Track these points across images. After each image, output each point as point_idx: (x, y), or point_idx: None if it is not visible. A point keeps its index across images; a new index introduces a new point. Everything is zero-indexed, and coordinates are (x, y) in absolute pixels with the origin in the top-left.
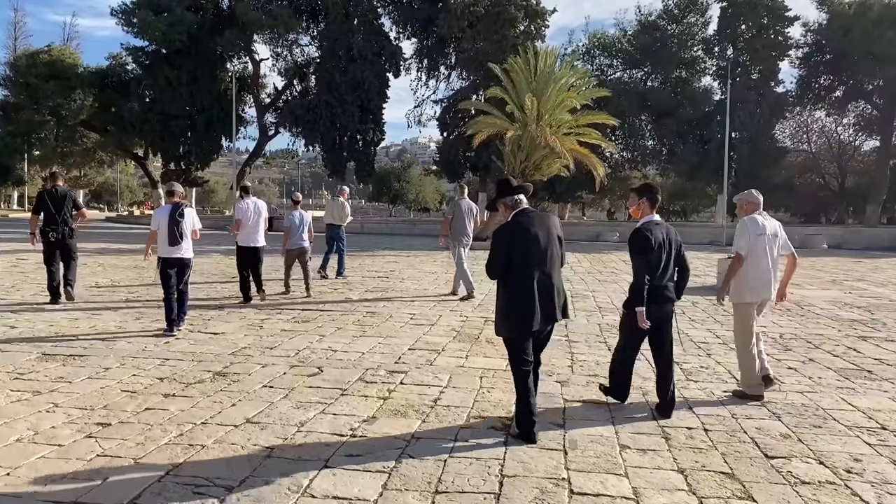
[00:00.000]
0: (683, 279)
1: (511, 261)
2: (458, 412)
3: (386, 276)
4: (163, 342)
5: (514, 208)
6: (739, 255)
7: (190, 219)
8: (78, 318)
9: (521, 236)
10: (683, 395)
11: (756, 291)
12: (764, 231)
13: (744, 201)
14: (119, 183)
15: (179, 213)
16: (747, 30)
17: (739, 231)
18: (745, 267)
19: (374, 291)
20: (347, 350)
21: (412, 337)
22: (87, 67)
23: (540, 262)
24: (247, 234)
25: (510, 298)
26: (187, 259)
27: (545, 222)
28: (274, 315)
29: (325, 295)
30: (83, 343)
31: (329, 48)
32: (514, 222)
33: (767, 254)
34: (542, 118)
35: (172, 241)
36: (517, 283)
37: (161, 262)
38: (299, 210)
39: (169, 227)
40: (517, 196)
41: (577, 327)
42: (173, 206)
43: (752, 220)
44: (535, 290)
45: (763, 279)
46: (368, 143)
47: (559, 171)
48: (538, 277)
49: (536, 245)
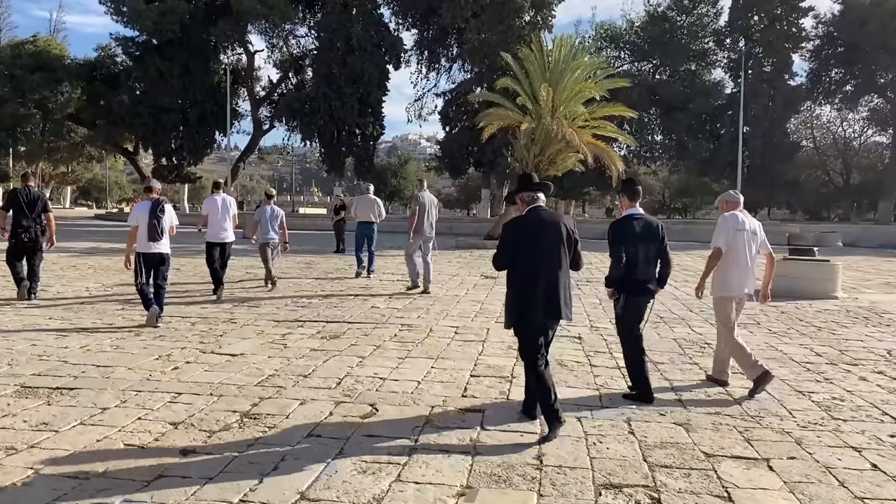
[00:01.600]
0: (665, 270)
1: (517, 254)
2: (579, 479)
3: (406, 279)
4: (170, 369)
5: (530, 204)
6: (718, 249)
7: (169, 216)
8: (67, 335)
9: (529, 231)
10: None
11: (734, 286)
12: (743, 227)
13: (723, 201)
14: (108, 179)
15: (160, 210)
16: (760, 21)
17: (719, 226)
18: (725, 262)
19: (401, 298)
20: (398, 378)
21: (467, 358)
22: (75, 59)
23: (546, 258)
24: (215, 229)
25: (515, 292)
26: (166, 254)
27: (556, 221)
28: (295, 329)
29: (347, 302)
30: (73, 369)
31: (327, 39)
32: (525, 217)
33: (746, 250)
34: (557, 110)
35: (152, 237)
36: (522, 276)
37: (140, 258)
38: (271, 205)
39: (149, 222)
40: (536, 193)
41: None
42: (153, 203)
43: (732, 216)
44: (539, 285)
45: (742, 274)
46: (368, 137)
47: (573, 165)
48: (543, 273)
49: (544, 241)
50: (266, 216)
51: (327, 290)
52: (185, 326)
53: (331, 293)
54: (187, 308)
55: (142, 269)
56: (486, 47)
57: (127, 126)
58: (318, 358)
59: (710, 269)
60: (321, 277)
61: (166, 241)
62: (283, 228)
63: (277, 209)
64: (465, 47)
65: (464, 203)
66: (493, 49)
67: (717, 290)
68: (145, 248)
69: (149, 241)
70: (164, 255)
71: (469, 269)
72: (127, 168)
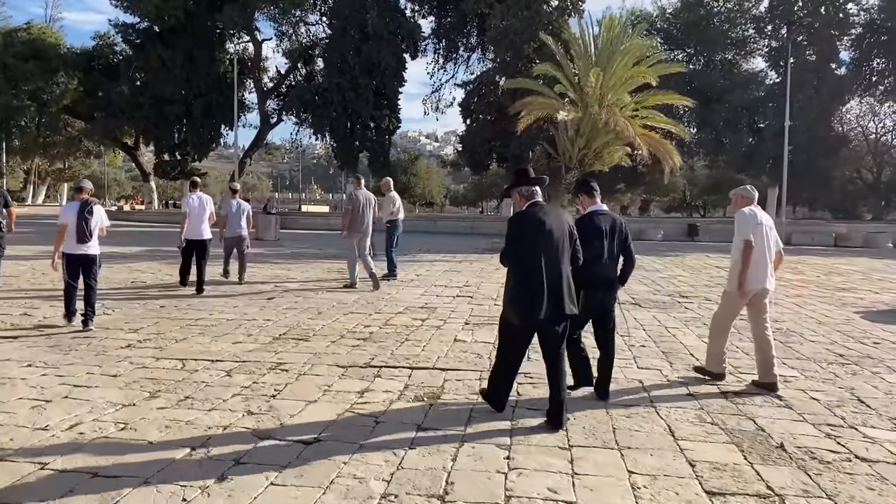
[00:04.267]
0: (627, 267)
1: (520, 249)
2: None
3: (468, 291)
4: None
5: (528, 199)
6: (749, 241)
7: (98, 217)
8: (46, 403)
9: (532, 225)
10: None
11: (751, 281)
12: (761, 222)
13: (738, 196)
14: (106, 176)
15: (88, 211)
16: (804, 6)
17: (740, 221)
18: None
19: (484, 327)
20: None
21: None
22: (72, 48)
23: (549, 252)
24: (193, 227)
25: (518, 285)
26: (93, 255)
27: (558, 216)
28: (372, 381)
29: (417, 333)
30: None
31: (340, 26)
32: (527, 212)
33: (764, 244)
34: (604, 97)
35: (80, 239)
36: (525, 270)
37: (65, 258)
38: (237, 199)
39: (77, 223)
40: (534, 187)
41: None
42: (82, 203)
43: (751, 211)
44: (544, 278)
45: (761, 268)
46: (383, 131)
47: (621, 160)
48: (546, 267)
49: (547, 236)
50: (232, 211)
51: (382, 310)
52: (219, 378)
53: (388, 315)
54: (217, 345)
55: (71, 271)
56: (511, 34)
57: (127, 118)
58: (442, 454)
59: (747, 262)
60: (364, 291)
61: (95, 242)
62: (250, 223)
63: (244, 203)
64: (488, 34)
65: (471, 201)
66: (519, 36)
67: (732, 284)
68: (72, 250)
69: (77, 242)
70: (93, 256)
71: None
72: (125, 164)
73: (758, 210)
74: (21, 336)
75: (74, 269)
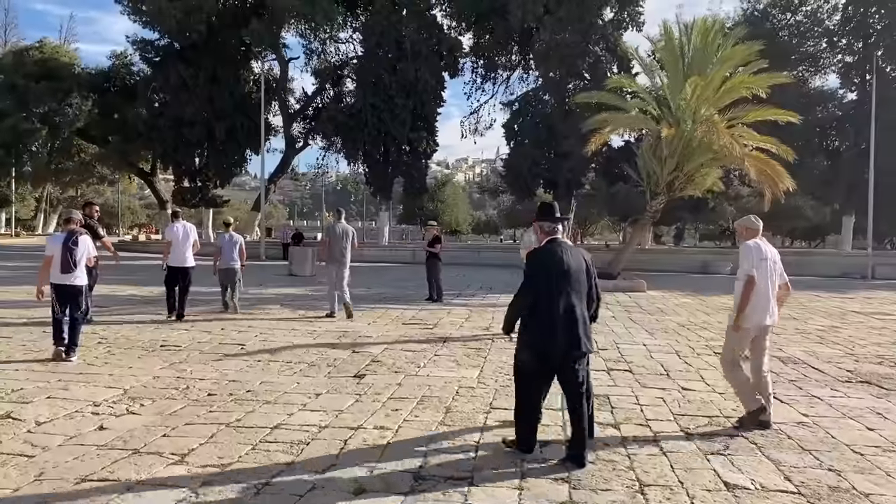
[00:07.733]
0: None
1: (540, 285)
2: None
3: None
4: None
5: (549, 234)
6: (752, 276)
7: (84, 247)
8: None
9: (552, 261)
10: None
11: (754, 317)
12: (766, 256)
13: (743, 227)
14: (119, 204)
15: (73, 242)
16: (881, 18)
17: (744, 254)
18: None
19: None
20: None
21: None
22: (86, 68)
23: (568, 288)
24: (176, 255)
25: (536, 322)
26: (79, 286)
27: (576, 253)
28: None
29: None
30: None
31: (374, 44)
32: (546, 248)
33: (768, 279)
34: (699, 112)
35: (65, 269)
36: (544, 306)
37: (53, 289)
38: (230, 232)
39: (62, 254)
40: (556, 225)
41: None
42: (67, 234)
43: (756, 245)
44: (562, 315)
45: (762, 304)
46: (419, 154)
47: (714, 185)
48: (564, 304)
49: (567, 273)
50: (225, 242)
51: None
52: None
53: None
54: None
55: (59, 302)
56: (562, 48)
57: (144, 142)
58: None
59: (747, 298)
60: (431, 339)
61: (81, 272)
62: (243, 255)
63: (237, 236)
64: (535, 49)
65: (493, 229)
66: (571, 51)
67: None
68: (59, 280)
69: (61, 272)
70: (79, 286)
71: (634, 332)
72: (140, 192)
73: (762, 242)
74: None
75: (62, 300)
